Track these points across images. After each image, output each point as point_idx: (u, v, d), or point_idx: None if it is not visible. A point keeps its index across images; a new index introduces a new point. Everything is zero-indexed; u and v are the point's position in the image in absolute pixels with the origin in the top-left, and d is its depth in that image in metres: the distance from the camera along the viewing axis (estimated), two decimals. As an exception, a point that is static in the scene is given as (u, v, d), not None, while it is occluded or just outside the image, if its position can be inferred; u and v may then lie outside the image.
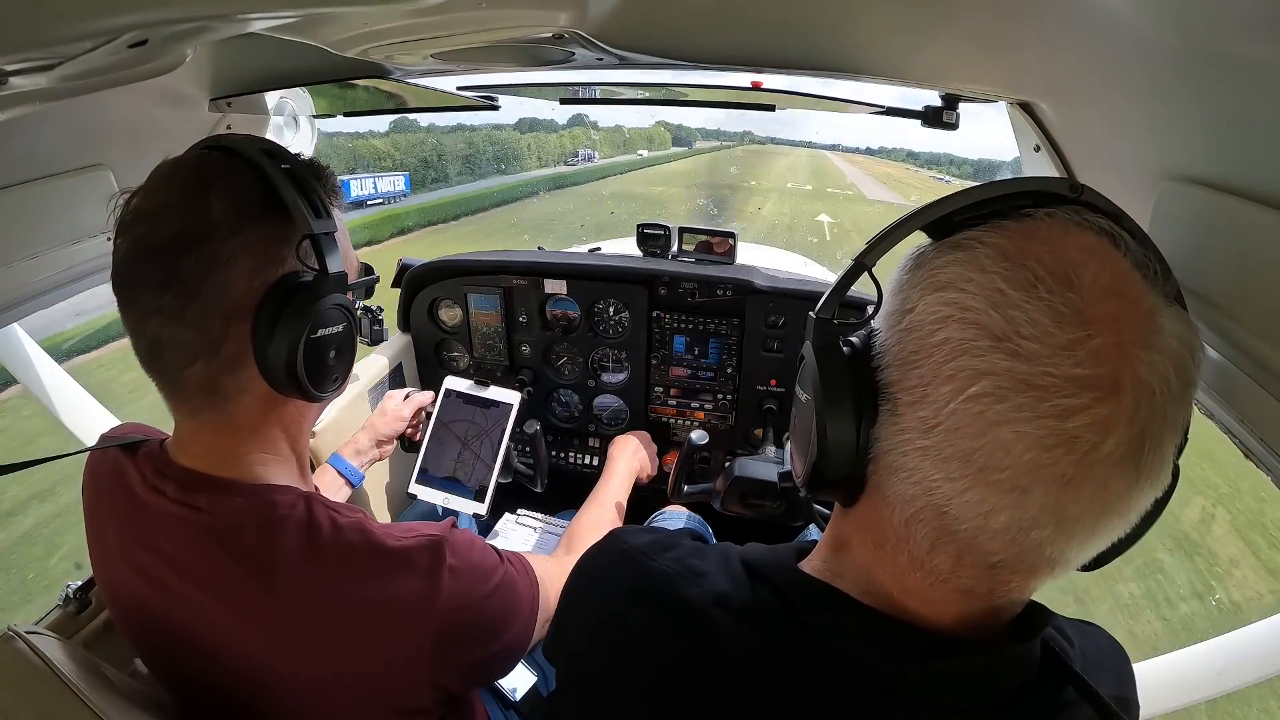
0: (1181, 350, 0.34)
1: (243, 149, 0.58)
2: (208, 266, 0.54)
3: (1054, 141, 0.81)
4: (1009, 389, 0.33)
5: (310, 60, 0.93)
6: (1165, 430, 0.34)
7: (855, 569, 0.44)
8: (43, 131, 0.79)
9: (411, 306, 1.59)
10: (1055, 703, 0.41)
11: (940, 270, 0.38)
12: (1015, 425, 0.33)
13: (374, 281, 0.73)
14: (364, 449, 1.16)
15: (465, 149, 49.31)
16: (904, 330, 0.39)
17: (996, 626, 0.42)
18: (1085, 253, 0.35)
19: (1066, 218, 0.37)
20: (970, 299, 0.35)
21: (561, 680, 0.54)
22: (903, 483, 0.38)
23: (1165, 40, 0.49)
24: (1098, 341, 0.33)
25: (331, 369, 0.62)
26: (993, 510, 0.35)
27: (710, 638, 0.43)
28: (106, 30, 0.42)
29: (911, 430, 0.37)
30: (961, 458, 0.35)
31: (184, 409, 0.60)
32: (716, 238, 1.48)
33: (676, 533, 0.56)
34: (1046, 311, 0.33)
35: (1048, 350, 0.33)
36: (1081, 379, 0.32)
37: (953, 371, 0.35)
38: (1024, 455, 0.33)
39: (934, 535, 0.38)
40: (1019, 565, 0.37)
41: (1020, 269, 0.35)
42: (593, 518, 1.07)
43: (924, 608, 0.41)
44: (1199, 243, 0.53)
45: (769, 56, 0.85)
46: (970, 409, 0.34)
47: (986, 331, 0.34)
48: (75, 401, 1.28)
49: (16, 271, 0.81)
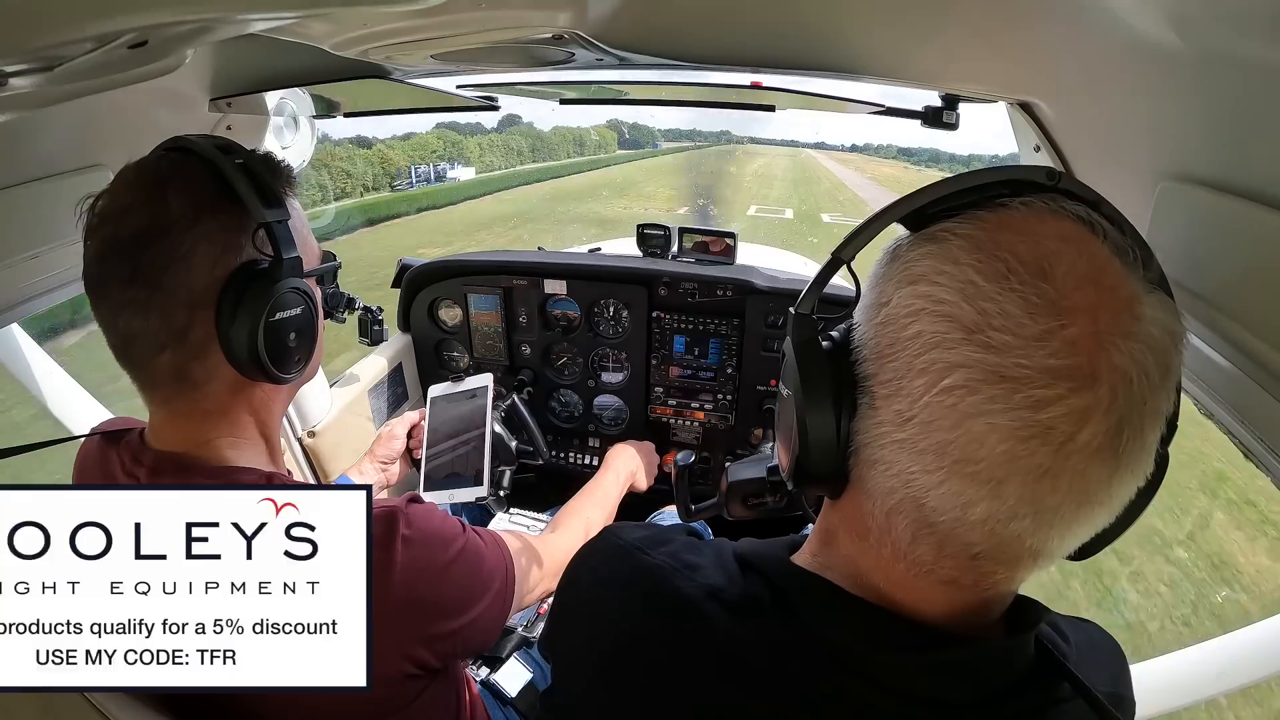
0: (1162, 337, 0.34)
1: (198, 147, 0.61)
2: (169, 258, 0.57)
3: (1054, 141, 0.81)
4: (981, 381, 0.33)
5: (310, 60, 0.93)
6: (1145, 419, 0.34)
7: (842, 561, 0.44)
8: (43, 131, 0.79)
9: (411, 306, 1.59)
10: (1049, 698, 0.41)
11: (914, 264, 0.38)
12: (989, 417, 0.33)
13: (335, 268, 0.76)
14: (368, 474, 1.20)
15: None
16: (880, 324, 0.39)
17: (988, 620, 0.42)
18: (1061, 241, 0.35)
19: (1043, 206, 0.37)
20: (943, 291, 0.35)
21: (557, 675, 0.54)
22: (882, 475, 0.38)
23: (1165, 40, 0.49)
24: (1072, 331, 0.33)
25: (293, 350, 0.65)
26: (970, 502, 0.35)
27: (704, 630, 0.43)
28: (106, 32, 0.42)
29: (888, 423, 0.38)
30: (937, 450, 0.35)
31: (156, 397, 0.63)
32: (716, 238, 1.48)
33: (671, 528, 0.56)
34: (1019, 302, 0.33)
35: (1020, 341, 0.33)
36: (1056, 369, 0.32)
37: (926, 364, 0.35)
38: (998, 447, 0.33)
39: (914, 527, 0.38)
40: (1001, 556, 0.37)
41: (993, 260, 0.35)
42: (581, 504, 1.10)
43: (911, 599, 0.41)
44: (1199, 243, 0.53)
45: (769, 56, 0.85)
46: (943, 401, 0.34)
47: (958, 324, 0.34)
48: (76, 401, 1.28)
49: (16, 271, 0.81)
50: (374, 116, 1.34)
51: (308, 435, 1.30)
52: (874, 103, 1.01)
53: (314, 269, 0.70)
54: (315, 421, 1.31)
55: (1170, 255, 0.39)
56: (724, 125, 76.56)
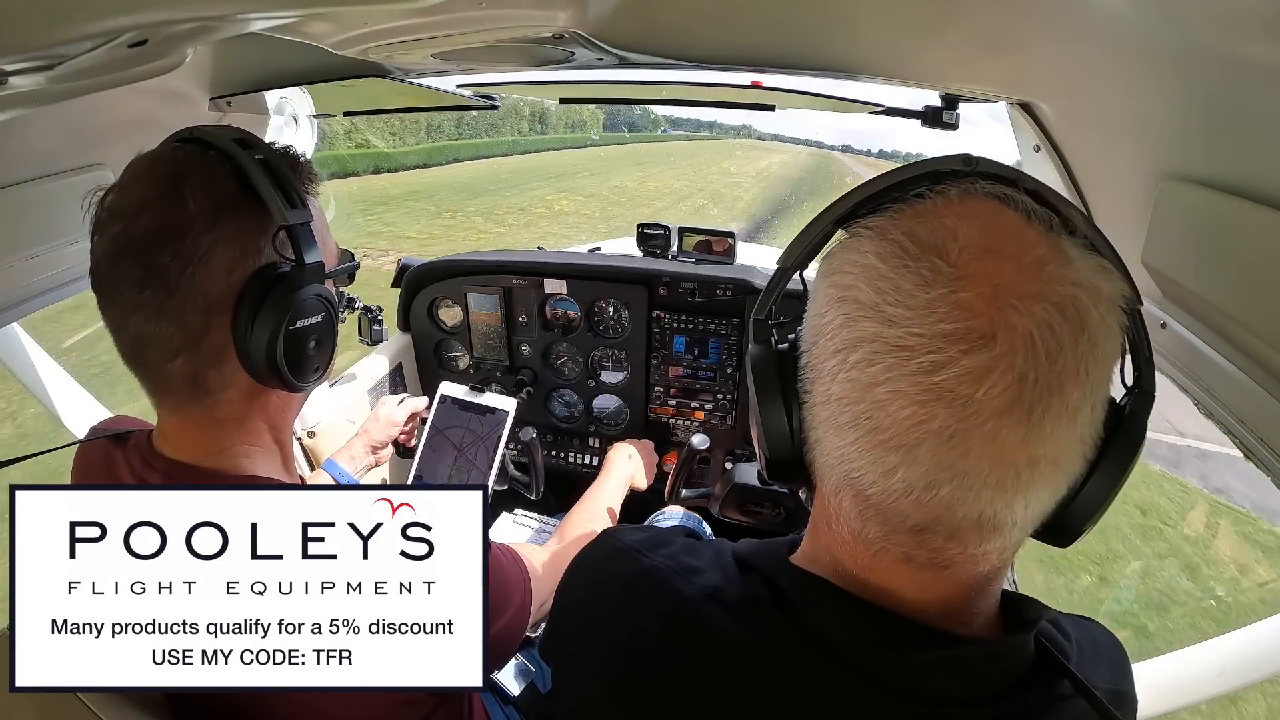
0: (1073, 294, 0.34)
1: (216, 141, 0.58)
2: (186, 261, 0.54)
3: (1054, 141, 0.81)
4: (881, 352, 0.35)
5: (310, 60, 0.93)
6: (1060, 377, 0.34)
7: (822, 551, 0.45)
8: (43, 131, 0.79)
9: (411, 306, 1.59)
10: (1048, 696, 0.41)
11: (833, 258, 0.41)
12: (889, 385, 0.35)
13: (354, 268, 0.73)
14: (358, 455, 1.17)
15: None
16: (809, 316, 0.42)
17: (975, 610, 0.42)
18: (964, 219, 0.37)
19: (957, 192, 0.39)
20: (848, 278, 0.38)
21: (558, 679, 0.54)
22: (823, 457, 0.41)
23: (1165, 40, 0.49)
24: (965, 295, 0.34)
25: (312, 359, 0.63)
26: (889, 469, 0.36)
27: (704, 633, 0.43)
28: (107, 31, 0.42)
29: (819, 405, 0.40)
30: (852, 423, 0.37)
31: (168, 403, 0.61)
32: (716, 237, 1.48)
33: (670, 530, 0.56)
34: (911, 278, 0.35)
35: (911, 312, 0.35)
36: (948, 333, 0.34)
37: (838, 345, 0.38)
38: (901, 412, 0.35)
39: (856, 504, 0.39)
40: (938, 528, 0.37)
41: (892, 244, 0.37)
42: (585, 513, 1.09)
43: (881, 580, 0.41)
44: (1199, 242, 0.53)
45: (769, 56, 0.85)
46: (851, 375, 0.37)
47: (860, 304, 0.37)
48: (77, 402, 1.28)
49: (17, 271, 0.81)
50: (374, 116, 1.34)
51: (307, 435, 1.30)
52: (874, 103, 1.01)
53: (334, 270, 0.67)
54: (315, 421, 1.31)
55: (1170, 255, 0.39)
56: (745, 119, 69.70)
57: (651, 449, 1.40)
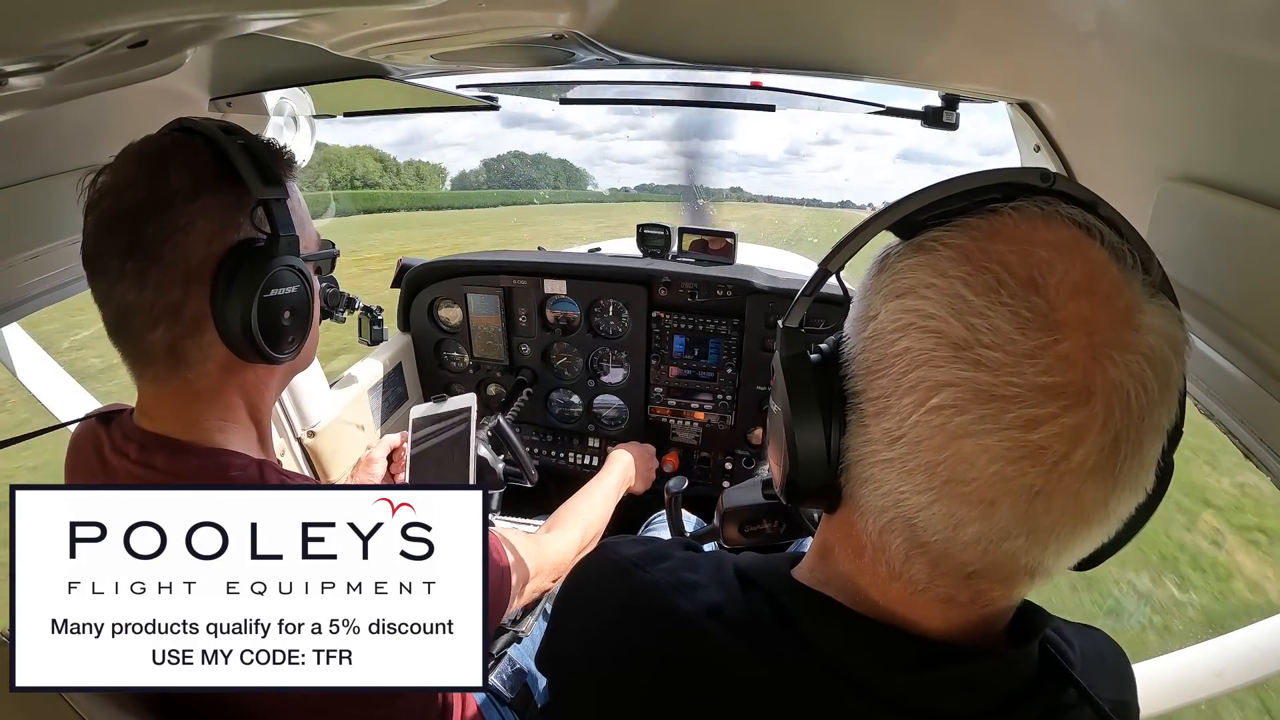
0: (1162, 347, 0.33)
1: (201, 127, 0.62)
2: (168, 231, 0.58)
3: (1054, 141, 0.81)
4: (970, 400, 0.32)
5: (310, 60, 0.93)
6: (1144, 434, 0.33)
7: (840, 577, 0.43)
8: (43, 131, 0.79)
9: (411, 306, 1.59)
10: (1054, 705, 0.40)
11: (902, 275, 0.37)
12: (978, 438, 0.32)
13: (333, 255, 0.76)
14: None
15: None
16: (868, 338, 0.38)
17: (992, 631, 0.42)
18: (1054, 249, 0.34)
19: (1037, 211, 0.35)
20: (930, 305, 0.34)
21: (554, 692, 0.53)
22: (873, 494, 0.38)
23: (1165, 40, 0.49)
24: (1065, 346, 0.31)
25: (286, 330, 0.65)
26: (961, 522, 0.34)
27: (704, 650, 0.42)
28: (107, 32, 0.42)
29: (877, 442, 0.37)
30: (926, 470, 0.34)
31: (147, 374, 0.63)
32: (716, 237, 1.48)
33: (669, 542, 0.55)
34: (1009, 317, 0.32)
35: (1010, 359, 0.32)
36: (1048, 387, 0.31)
37: (913, 383, 0.34)
38: (989, 468, 0.32)
39: (907, 546, 0.37)
40: (996, 575, 0.36)
41: (982, 272, 0.33)
42: (578, 505, 1.10)
43: (911, 614, 0.40)
44: (1199, 243, 0.53)
45: (769, 56, 0.85)
46: (932, 421, 0.34)
47: (947, 340, 0.33)
48: (77, 402, 1.28)
49: (17, 271, 0.81)
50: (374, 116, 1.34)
51: (308, 435, 1.30)
52: (874, 103, 1.02)
53: (312, 254, 0.70)
54: (315, 422, 1.31)
55: (1170, 255, 0.39)
56: (733, 181, 56.49)
57: (652, 454, 1.40)
